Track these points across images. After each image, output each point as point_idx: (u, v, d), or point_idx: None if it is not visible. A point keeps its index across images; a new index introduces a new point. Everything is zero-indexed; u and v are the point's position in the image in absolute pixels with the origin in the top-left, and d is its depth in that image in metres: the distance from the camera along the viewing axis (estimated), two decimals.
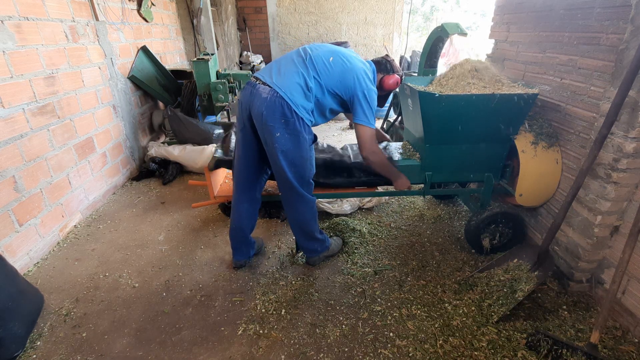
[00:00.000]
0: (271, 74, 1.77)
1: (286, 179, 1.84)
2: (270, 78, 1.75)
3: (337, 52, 1.84)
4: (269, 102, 1.69)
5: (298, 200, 1.93)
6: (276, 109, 1.69)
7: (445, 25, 2.56)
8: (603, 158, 1.69)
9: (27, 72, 2.20)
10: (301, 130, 1.75)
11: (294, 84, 1.72)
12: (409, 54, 5.65)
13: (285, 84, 1.71)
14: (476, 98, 1.89)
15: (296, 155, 1.79)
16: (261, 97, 1.70)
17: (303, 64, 1.77)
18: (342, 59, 1.81)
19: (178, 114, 3.53)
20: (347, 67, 1.80)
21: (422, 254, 2.31)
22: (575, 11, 1.88)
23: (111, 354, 1.64)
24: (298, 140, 1.76)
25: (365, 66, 1.88)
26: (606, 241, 1.81)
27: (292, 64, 1.78)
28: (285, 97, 1.69)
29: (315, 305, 1.90)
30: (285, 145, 1.74)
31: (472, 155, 2.11)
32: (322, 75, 1.77)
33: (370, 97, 1.83)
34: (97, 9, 2.92)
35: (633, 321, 1.70)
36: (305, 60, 1.78)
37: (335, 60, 1.80)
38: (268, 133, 1.74)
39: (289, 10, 5.97)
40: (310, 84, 1.74)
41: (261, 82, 1.75)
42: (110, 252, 2.36)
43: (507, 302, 1.78)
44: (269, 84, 1.72)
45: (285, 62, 1.82)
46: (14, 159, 2.09)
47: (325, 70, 1.77)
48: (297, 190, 1.88)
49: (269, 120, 1.70)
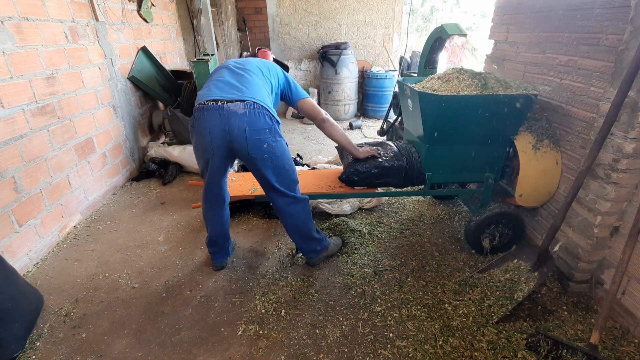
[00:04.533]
0: (231, 91, 1.71)
1: (276, 188, 1.86)
2: (235, 94, 1.69)
3: (240, 60, 1.98)
4: (250, 116, 1.66)
5: (290, 204, 1.94)
6: (259, 120, 1.69)
7: (445, 26, 2.56)
8: (603, 158, 1.69)
9: (27, 72, 2.20)
10: (280, 133, 1.80)
11: (261, 90, 1.76)
12: (408, 54, 5.65)
13: (257, 92, 1.73)
14: (476, 98, 1.89)
15: (284, 159, 1.83)
16: (237, 114, 1.65)
17: (251, 73, 1.84)
18: (249, 60, 1.97)
19: (178, 115, 3.53)
20: (260, 62, 1.96)
21: (422, 254, 2.31)
22: (574, 12, 1.89)
23: (111, 355, 1.64)
24: (282, 144, 1.82)
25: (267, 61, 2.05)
26: (606, 242, 1.81)
27: (241, 78, 1.80)
28: (262, 104, 1.71)
29: (315, 305, 1.90)
30: (274, 153, 1.77)
31: (472, 155, 2.11)
32: (266, 76, 1.89)
33: (290, 77, 2.03)
34: (97, 9, 2.92)
35: (633, 322, 1.70)
36: (248, 71, 1.85)
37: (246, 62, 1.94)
38: (255, 148, 1.71)
39: (289, 11, 5.97)
40: (268, 88, 1.83)
41: (227, 102, 1.67)
42: (110, 253, 2.36)
43: (507, 302, 1.78)
44: (239, 99, 1.67)
45: (232, 78, 1.80)
46: (13, 160, 2.09)
47: (259, 71, 1.89)
48: (287, 194, 1.90)
49: (255, 134, 1.69)
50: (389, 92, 5.65)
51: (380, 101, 5.85)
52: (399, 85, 2.37)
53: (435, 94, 1.90)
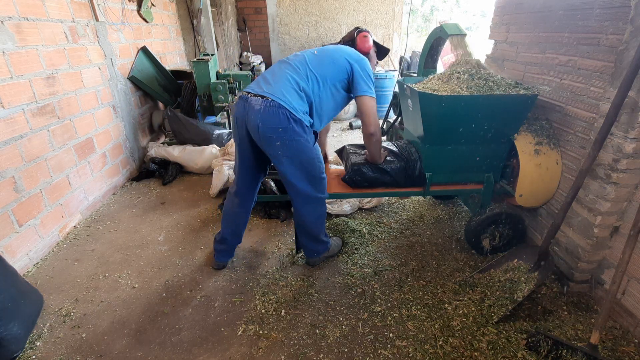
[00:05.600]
0: (260, 85, 1.76)
1: (294, 183, 1.84)
2: (260, 89, 1.73)
3: (319, 48, 1.90)
4: (264, 113, 1.67)
5: (307, 202, 1.93)
6: (272, 118, 1.67)
7: (445, 26, 2.56)
8: (603, 158, 1.69)
9: (27, 72, 2.20)
10: (300, 132, 1.73)
11: (286, 87, 1.72)
12: (408, 54, 5.66)
13: (277, 89, 1.71)
14: (476, 99, 1.89)
15: (303, 157, 1.79)
16: (254, 109, 1.69)
17: (291, 68, 1.78)
18: (325, 48, 1.88)
19: (178, 115, 3.53)
20: (333, 50, 1.86)
21: (422, 254, 2.31)
22: (574, 12, 1.89)
23: (111, 355, 1.64)
24: (300, 143, 1.75)
25: (346, 47, 1.94)
26: (606, 242, 1.81)
27: (279, 72, 1.79)
28: (280, 102, 1.67)
29: (315, 305, 1.90)
30: (289, 151, 1.74)
31: (472, 155, 2.11)
32: (315, 68, 1.78)
33: (366, 65, 1.84)
34: (97, 9, 2.92)
35: (633, 322, 1.70)
36: (292, 65, 1.80)
37: (320, 52, 1.86)
38: (267, 144, 1.73)
39: (289, 11, 5.97)
40: (302, 84, 1.74)
41: (252, 95, 1.72)
42: (110, 253, 2.36)
43: (507, 302, 1.78)
44: (260, 95, 1.70)
45: (271, 72, 1.83)
46: (13, 160, 2.09)
47: (316, 62, 1.80)
48: (307, 191, 1.88)
49: (267, 132, 1.69)
50: (389, 92, 5.65)
51: (380, 101, 5.85)
52: (399, 85, 2.37)
53: (435, 94, 1.90)
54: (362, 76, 1.81)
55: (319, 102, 1.80)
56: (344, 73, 1.81)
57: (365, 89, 1.82)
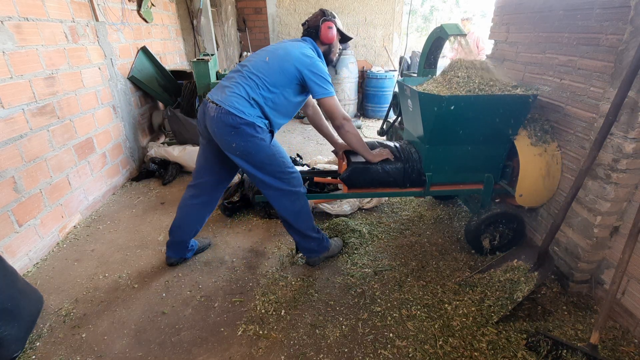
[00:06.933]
0: (218, 92, 1.84)
1: (260, 179, 1.91)
2: (217, 96, 1.81)
3: (273, 51, 1.90)
4: (216, 119, 1.76)
5: (281, 195, 1.97)
6: (224, 124, 1.76)
7: (445, 26, 2.56)
8: (603, 158, 1.69)
9: (27, 72, 2.20)
10: (252, 133, 1.79)
11: (237, 97, 1.78)
12: (408, 54, 5.66)
13: (228, 99, 1.77)
14: (476, 99, 1.89)
15: (261, 155, 1.85)
16: (210, 115, 1.79)
17: (243, 77, 1.83)
18: (277, 53, 1.87)
19: (178, 115, 3.53)
20: (283, 57, 1.85)
21: (422, 254, 2.31)
22: (574, 12, 1.89)
23: (111, 355, 1.64)
24: (254, 142, 1.81)
25: (301, 48, 1.90)
26: (606, 242, 1.81)
27: (234, 80, 1.84)
28: (230, 109, 1.75)
29: (315, 305, 1.90)
30: (244, 150, 1.81)
31: (472, 156, 2.11)
32: (265, 77, 1.81)
33: (318, 69, 1.84)
34: (97, 9, 2.92)
35: (633, 322, 1.70)
36: (244, 74, 1.83)
37: (271, 58, 1.86)
38: (225, 145, 1.82)
39: (289, 11, 5.97)
40: (252, 94, 1.79)
41: (210, 101, 1.81)
42: (109, 253, 2.36)
43: (507, 302, 1.78)
44: (215, 102, 1.79)
45: (228, 79, 1.88)
46: (13, 160, 2.09)
47: (267, 71, 1.82)
48: (276, 185, 1.93)
49: (222, 135, 1.79)
50: (389, 92, 5.65)
51: (380, 101, 5.86)
52: (399, 86, 2.37)
53: (435, 94, 1.90)
54: (314, 80, 1.83)
55: (272, 106, 1.85)
56: (294, 80, 1.85)
57: (321, 91, 1.85)
